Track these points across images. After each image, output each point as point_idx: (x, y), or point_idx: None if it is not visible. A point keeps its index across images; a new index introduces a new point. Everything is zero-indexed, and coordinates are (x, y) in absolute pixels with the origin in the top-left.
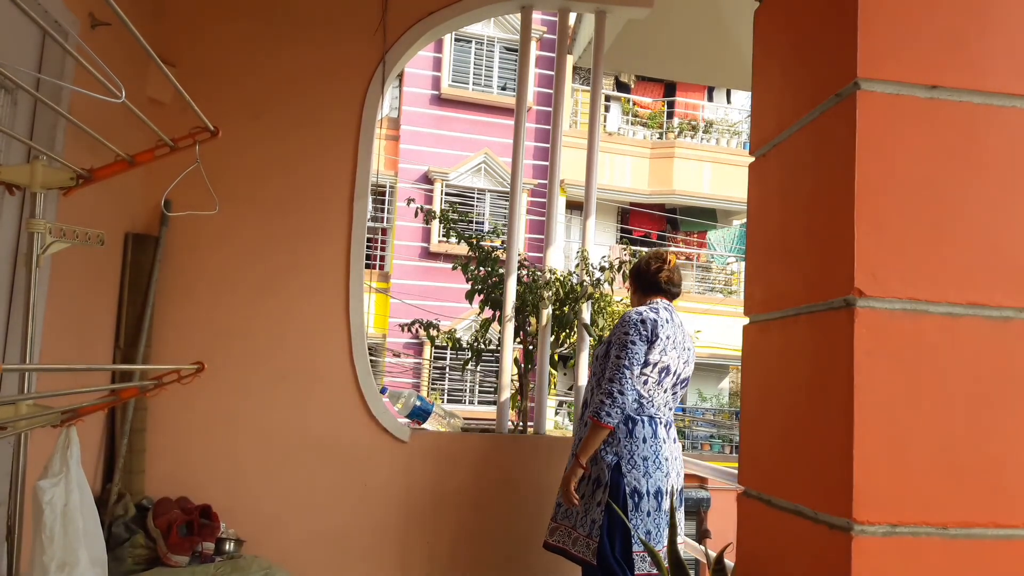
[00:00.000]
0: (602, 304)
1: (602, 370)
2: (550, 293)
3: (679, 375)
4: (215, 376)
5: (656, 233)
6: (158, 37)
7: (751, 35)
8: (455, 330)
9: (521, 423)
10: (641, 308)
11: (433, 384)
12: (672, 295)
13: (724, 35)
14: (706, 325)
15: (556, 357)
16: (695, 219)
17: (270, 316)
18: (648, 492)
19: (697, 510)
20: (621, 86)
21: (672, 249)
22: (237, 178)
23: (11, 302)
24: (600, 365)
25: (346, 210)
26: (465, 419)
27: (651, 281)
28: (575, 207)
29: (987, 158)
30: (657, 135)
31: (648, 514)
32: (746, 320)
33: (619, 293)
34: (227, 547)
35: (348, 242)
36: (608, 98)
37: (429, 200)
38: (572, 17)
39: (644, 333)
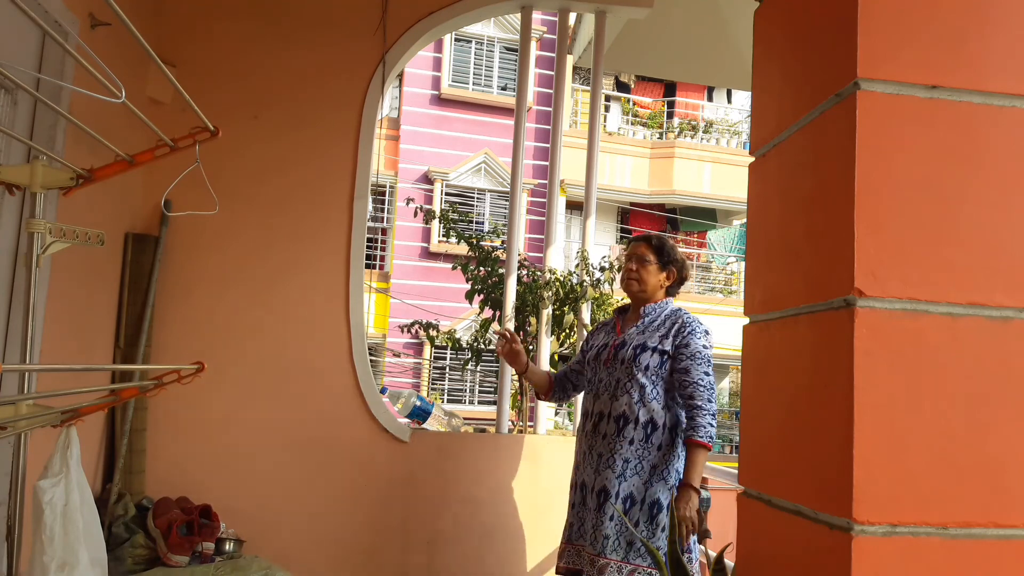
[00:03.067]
0: (602, 305)
1: (657, 378)
2: (550, 293)
3: None
4: (215, 376)
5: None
6: (158, 37)
7: (751, 35)
8: (455, 330)
9: (521, 423)
10: (693, 316)
11: (433, 384)
12: None
13: (724, 35)
14: (706, 325)
15: (556, 357)
16: (695, 219)
17: (270, 316)
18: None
19: (697, 510)
20: (621, 86)
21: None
22: (237, 178)
23: (11, 302)
24: (657, 374)
25: (346, 210)
26: (465, 419)
27: (680, 285)
28: (575, 207)
29: (987, 158)
30: (657, 135)
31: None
32: (746, 320)
33: (619, 293)
34: (227, 547)
35: (348, 242)
36: (608, 98)
37: (429, 200)
38: (572, 17)
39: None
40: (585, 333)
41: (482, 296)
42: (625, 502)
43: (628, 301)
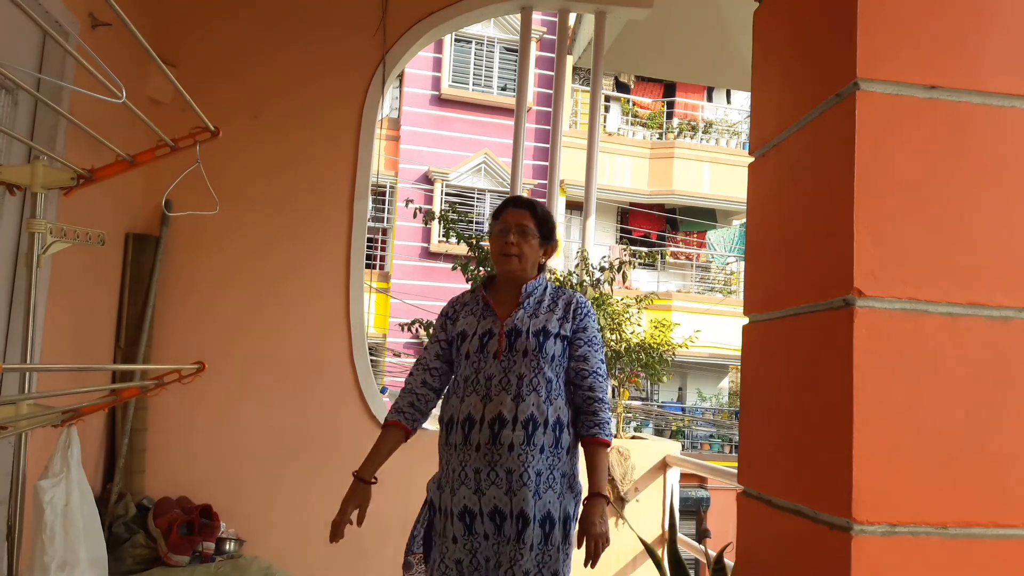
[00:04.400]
0: (602, 306)
1: (561, 369)
2: None
3: None
4: (215, 376)
5: (656, 233)
6: (158, 37)
7: (750, 35)
8: None
9: None
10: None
11: None
12: None
13: (724, 35)
14: (706, 325)
15: None
16: (695, 219)
17: (271, 316)
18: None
19: (697, 510)
20: (621, 86)
21: (672, 249)
22: (237, 178)
23: (12, 302)
24: (561, 365)
25: (346, 210)
26: None
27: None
28: (575, 207)
29: (986, 158)
30: (657, 135)
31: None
32: (746, 320)
33: (619, 293)
34: (227, 547)
35: (348, 242)
36: (608, 98)
37: (429, 200)
38: (572, 17)
39: None
40: None
41: None
42: (544, 524)
43: (528, 261)
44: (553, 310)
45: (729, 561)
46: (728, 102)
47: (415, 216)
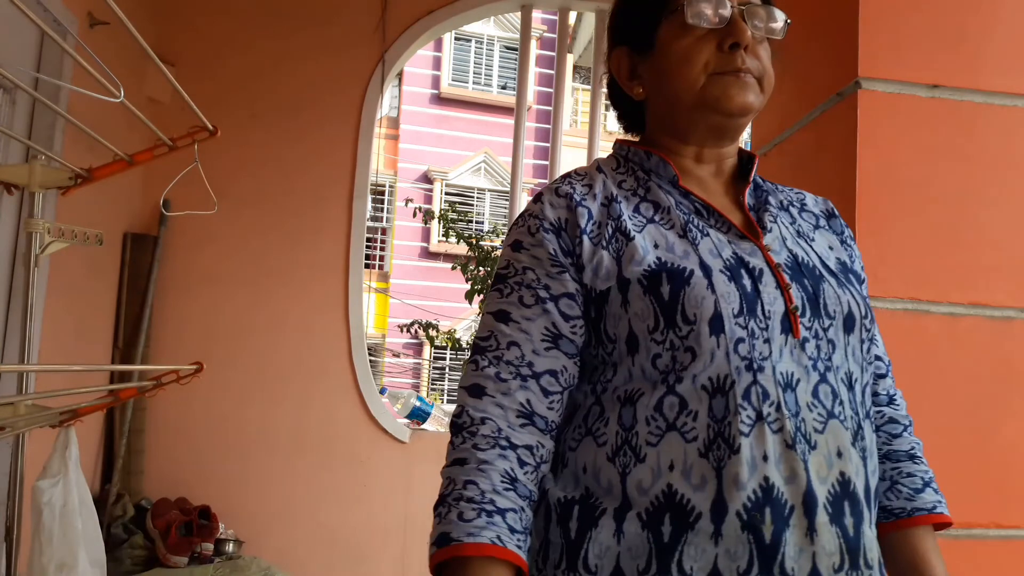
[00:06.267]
0: None
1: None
2: None
3: None
4: (214, 376)
5: None
6: (157, 36)
7: None
8: (455, 330)
9: None
10: None
11: (433, 384)
12: None
13: None
14: None
15: None
16: None
17: (269, 316)
18: None
19: None
20: None
21: None
22: (236, 178)
23: (9, 302)
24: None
25: (345, 209)
26: None
27: None
28: None
29: (988, 157)
30: None
31: None
32: None
33: None
34: (226, 548)
35: (347, 242)
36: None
37: (429, 200)
38: (572, 16)
39: None
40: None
41: (482, 296)
42: None
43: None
44: (816, 223)
45: None
46: None
47: (415, 215)
